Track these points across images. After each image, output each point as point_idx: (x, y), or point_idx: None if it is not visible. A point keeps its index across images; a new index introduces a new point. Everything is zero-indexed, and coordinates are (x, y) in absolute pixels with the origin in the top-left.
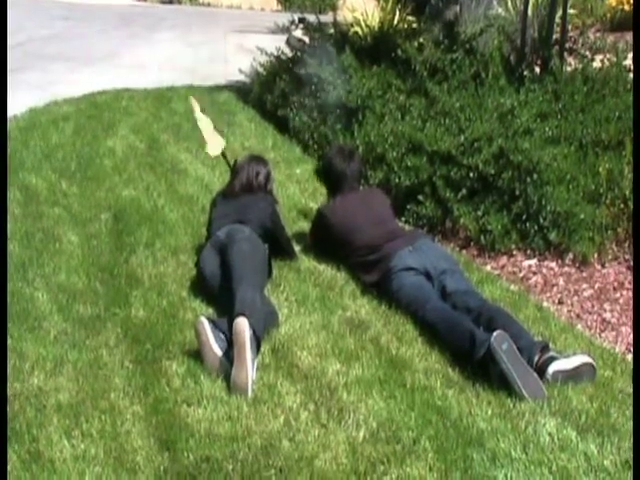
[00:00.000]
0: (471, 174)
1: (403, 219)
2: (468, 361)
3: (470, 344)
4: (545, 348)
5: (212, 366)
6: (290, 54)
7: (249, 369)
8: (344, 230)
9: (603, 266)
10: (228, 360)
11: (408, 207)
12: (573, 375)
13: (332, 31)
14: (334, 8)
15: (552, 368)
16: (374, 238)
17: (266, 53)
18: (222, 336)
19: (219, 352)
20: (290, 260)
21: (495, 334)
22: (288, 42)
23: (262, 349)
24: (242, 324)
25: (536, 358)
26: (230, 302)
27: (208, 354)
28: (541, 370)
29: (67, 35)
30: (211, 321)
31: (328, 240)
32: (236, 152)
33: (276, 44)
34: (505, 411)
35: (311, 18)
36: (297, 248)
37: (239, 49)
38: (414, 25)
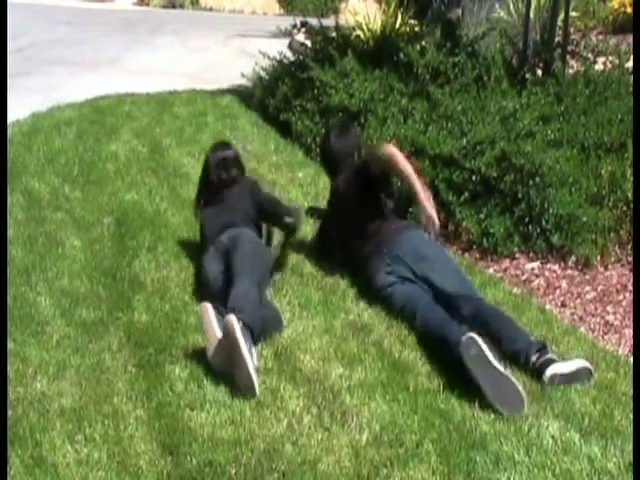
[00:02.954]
0: (473, 177)
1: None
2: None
3: (448, 352)
4: (542, 349)
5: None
6: (292, 58)
7: (249, 364)
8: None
9: (606, 268)
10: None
11: (410, 210)
12: (570, 379)
13: (334, 35)
14: (336, 12)
15: (550, 371)
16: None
17: (268, 57)
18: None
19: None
20: (292, 224)
21: (464, 339)
22: (290, 46)
23: (259, 344)
24: (230, 322)
25: (533, 359)
26: None
27: (211, 338)
28: (539, 372)
29: (70, 40)
30: (215, 307)
31: (330, 234)
32: None
33: (278, 48)
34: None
35: (313, 22)
36: (299, 253)
37: (241, 53)
38: (416, 28)
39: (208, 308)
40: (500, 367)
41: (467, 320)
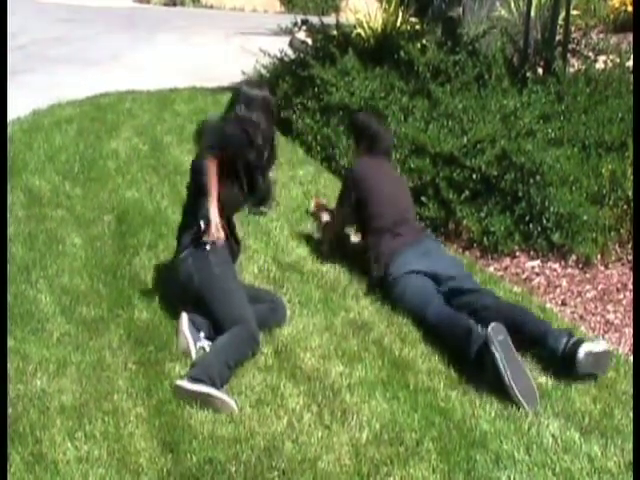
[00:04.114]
0: (474, 175)
1: None
2: (467, 359)
3: (467, 339)
4: (571, 334)
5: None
6: (293, 56)
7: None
8: (367, 186)
9: (606, 267)
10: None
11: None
12: (600, 360)
13: (335, 33)
14: (337, 10)
15: (583, 349)
16: (388, 212)
17: (269, 55)
18: (200, 335)
19: (189, 335)
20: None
21: (493, 324)
22: (291, 44)
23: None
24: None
25: (564, 340)
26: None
27: (180, 339)
28: (571, 352)
29: (70, 37)
30: (190, 319)
31: (352, 202)
32: None
33: (279, 46)
34: (508, 413)
35: (314, 20)
36: (300, 251)
37: (242, 51)
38: (417, 27)
39: (183, 317)
40: (521, 360)
41: (490, 310)
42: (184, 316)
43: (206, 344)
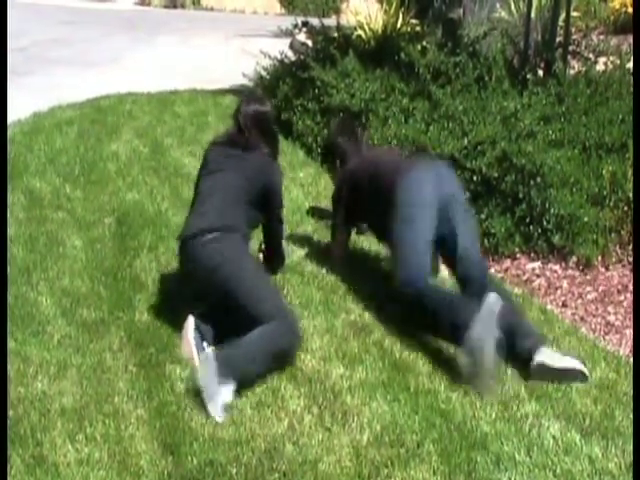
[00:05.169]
0: (474, 177)
1: None
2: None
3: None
4: (542, 340)
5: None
6: (293, 58)
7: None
8: (366, 176)
9: (607, 269)
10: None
11: None
12: (557, 375)
13: (335, 34)
14: (337, 12)
15: (539, 358)
16: (384, 166)
17: (269, 57)
18: (203, 344)
19: (193, 343)
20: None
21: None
22: (291, 46)
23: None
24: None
25: (528, 342)
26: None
27: (184, 346)
28: (529, 356)
29: (71, 39)
30: (197, 326)
31: (350, 197)
32: None
33: (279, 48)
34: (509, 414)
35: (314, 22)
36: (301, 251)
37: (242, 53)
38: (417, 28)
39: (189, 321)
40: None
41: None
42: (190, 322)
43: (210, 352)
